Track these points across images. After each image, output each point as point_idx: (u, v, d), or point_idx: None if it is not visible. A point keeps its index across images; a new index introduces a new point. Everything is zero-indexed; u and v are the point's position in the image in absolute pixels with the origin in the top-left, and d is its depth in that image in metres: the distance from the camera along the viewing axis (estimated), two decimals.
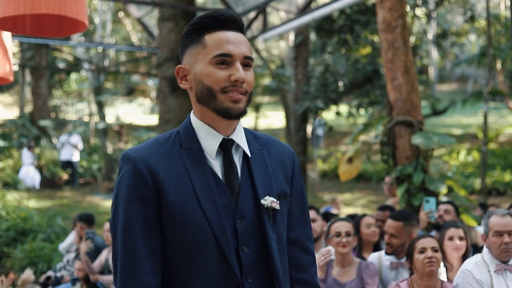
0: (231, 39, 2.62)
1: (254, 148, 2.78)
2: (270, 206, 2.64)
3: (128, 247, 2.53)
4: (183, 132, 2.71)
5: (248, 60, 2.65)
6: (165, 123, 14.26)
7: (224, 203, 2.59)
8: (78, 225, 9.72)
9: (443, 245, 6.07)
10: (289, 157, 2.87)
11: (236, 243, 2.58)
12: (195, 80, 2.66)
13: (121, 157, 2.65)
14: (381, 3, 9.75)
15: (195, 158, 2.63)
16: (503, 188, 19.25)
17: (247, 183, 2.68)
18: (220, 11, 2.65)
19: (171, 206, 2.54)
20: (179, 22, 14.42)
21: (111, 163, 23.12)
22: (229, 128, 2.69)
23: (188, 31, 2.69)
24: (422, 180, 9.13)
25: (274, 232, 2.66)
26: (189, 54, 2.69)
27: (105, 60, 26.34)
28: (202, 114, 2.69)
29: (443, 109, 23.07)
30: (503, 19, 23.11)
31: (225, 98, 2.57)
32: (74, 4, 3.84)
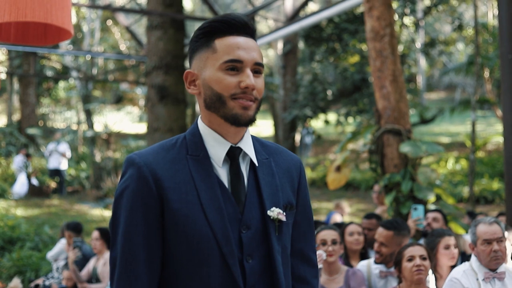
0: (241, 44, 2.56)
1: (261, 157, 2.72)
2: (277, 217, 2.58)
3: (127, 254, 2.47)
4: (189, 138, 2.65)
5: (259, 67, 2.58)
6: (153, 131, 14.23)
7: (230, 212, 2.53)
8: (66, 233, 9.68)
9: (437, 253, 6.06)
10: (296, 167, 2.82)
11: (241, 254, 2.52)
12: (204, 85, 2.59)
13: (125, 160, 2.58)
14: (369, 12, 9.76)
15: (201, 166, 2.56)
16: (491, 196, 19.26)
17: (253, 192, 2.62)
18: (231, 16, 2.59)
19: (175, 214, 2.47)
20: (167, 31, 14.42)
21: (99, 172, 23.03)
22: (237, 136, 2.63)
23: (198, 35, 2.63)
24: (411, 188, 9.12)
25: (279, 244, 2.61)
26: (198, 59, 2.62)
27: (93, 68, 26.34)
28: (210, 121, 2.62)
29: (431, 117, 23.12)
30: (491, 28, 23.18)
31: (235, 104, 2.51)
32: (59, 12, 3.80)
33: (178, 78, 14.52)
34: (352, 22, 21.01)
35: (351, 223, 7.49)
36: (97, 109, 26.58)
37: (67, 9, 3.88)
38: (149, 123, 14.49)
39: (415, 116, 23.91)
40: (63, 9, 3.83)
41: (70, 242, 9.49)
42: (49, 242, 12.99)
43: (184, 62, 15.06)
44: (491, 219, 5.39)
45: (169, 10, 14.48)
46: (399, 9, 21.73)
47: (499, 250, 5.20)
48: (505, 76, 7.74)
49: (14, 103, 32.21)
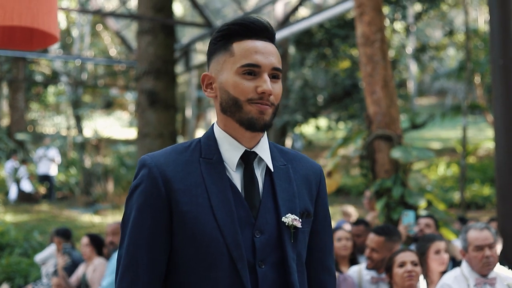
0: (260, 48, 2.52)
1: (278, 163, 2.66)
2: (292, 224, 2.52)
3: (131, 255, 2.46)
4: (204, 141, 2.61)
5: (277, 72, 2.53)
6: (143, 136, 14.19)
7: (242, 216, 2.49)
8: (55, 239, 9.62)
9: (427, 258, 6.03)
10: (316, 174, 2.76)
11: (253, 259, 2.47)
12: (221, 89, 2.54)
13: (138, 161, 2.55)
14: (360, 17, 9.75)
15: (214, 169, 2.52)
16: (482, 202, 19.28)
17: (268, 198, 2.57)
18: (250, 19, 2.54)
19: (184, 217, 2.44)
20: (157, 35, 14.38)
21: (88, 177, 22.94)
22: (253, 141, 2.58)
23: (216, 37, 2.59)
24: (402, 194, 9.11)
25: (294, 252, 2.55)
26: (216, 62, 2.58)
27: (83, 73, 26.26)
28: (225, 125, 2.58)
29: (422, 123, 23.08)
30: (482, 34, 23.23)
31: (252, 108, 2.47)
32: (46, 16, 3.76)
33: (168, 83, 14.48)
34: (342, 27, 21.03)
35: (339, 228, 7.48)
36: (86, 115, 26.50)
37: (54, 14, 3.84)
38: (139, 129, 14.44)
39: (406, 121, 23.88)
40: (49, 14, 3.79)
41: (59, 248, 9.44)
42: (38, 248, 12.91)
43: (174, 67, 15.02)
44: (481, 225, 5.38)
45: (159, 15, 14.45)
46: (390, 15, 21.78)
47: (491, 255, 5.20)
48: (496, 82, 7.72)
49: (3, 108, 32.12)
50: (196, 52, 21.42)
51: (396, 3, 21.36)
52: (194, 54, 22.12)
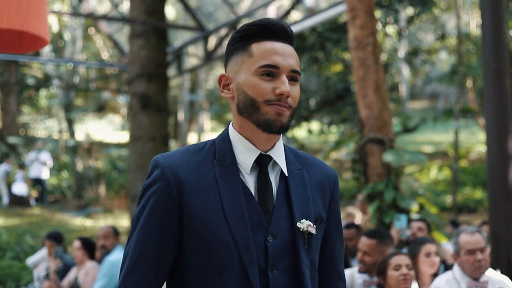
0: (279, 50, 2.49)
1: (294, 167, 2.63)
2: (306, 230, 2.49)
3: (137, 254, 2.44)
4: (218, 143, 2.57)
5: (295, 74, 2.50)
6: (135, 140, 14.16)
7: (255, 220, 2.45)
8: (46, 243, 9.60)
9: (418, 261, 6.04)
10: (330, 180, 2.73)
11: (265, 263, 2.44)
12: (238, 90, 2.52)
13: (152, 160, 2.52)
14: (352, 21, 9.76)
15: (228, 172, 2.49)
16: (474, 205, 19.32)
17: (283, 202, 2.53)
18: (269, 20, 2.52)
19: (195, 219, 2.42)
20: (150, 39, 14.36)
21: (80, 181, 22.92)
22: (268, 144, 2.55)
23: (235, 38, 2.56)
24: (394, 197, 9.11)
25: (307, 258, 2.52)
26: (234, 62, 2.55)
27: (75, 77, 26.20)
28: (241, 126, 2.55)
29: (414, 126, 23.16)
30: (474, 37, 23.29)
31: (269, 110, 2.44)
32: (36, 20, 3.75)
33: (161, 87, 14.46)
34: (335, 31, 21.06)
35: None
36: (78, 118, 26.46)
37: (44, 17, 3.83)
38: (131, 132, 14.41)
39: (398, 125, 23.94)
40: (39, 17, 3.77)
41: (51, 252, 9.41)
42: (30, 252, 12.90)
43: (166, 71, 15.01)
44: (473, 229, 5.38)
45: (151, 19, 14.42)
46: (382, 18, 21.81)
47: (483, 259, 5.20)
48: (488, 85, 7.74)
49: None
50: (188, 55, 21.42)
51: (388, 6, 21.41)
52: (187, 57, 22.11)
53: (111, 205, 22.05)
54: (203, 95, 32.31)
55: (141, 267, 2.43)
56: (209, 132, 37.23)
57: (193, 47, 27.68)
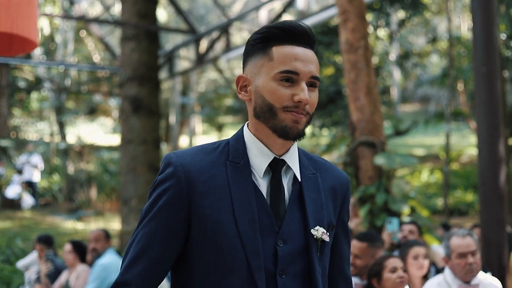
0: (300, 55, 2.44)
1: (308, 172, 2.59)
2: (320, 237, 2.47)
3: (140, 249, 2.42)
4: (233, 144, 2.54)
5: (315, 80, 2.46)
6: (127, 143, 14.15)
7: (266, 224, 2.42)
8: (37, 246, 9.58)
9: (406, 263, 6.05)
10: (343, 185, 2.69)
11: (274, 268, 2.41)
12: (256, 93, 2.47)
13: (164, 157, 2.50)
14: (344, 24, 9.77)
15: (240, 174, 2.46)
16: (465, 208, 19.37)
17: (295, 207, 2.50)
18: (292, 23, 2.47)
19: (205, 220, 2.39)
20: (141, 42, 14.36)
21: (72, 184, 22.87)
22: (283, 148, 2.51)
23: (255, 39, 2.51)
24: (385, 200, 9.12)
25: (320, 265, 2.49)
26: (253, 64, 2.50)
27: (66, 80, 26.14)
28: (257, 129, 2.51)
29: (405, 129, 23.20)
30: (465, 41, 23.35)
31: (286, 117, 2.40)
32: (26, 22, 3.72)
33: (152, 90, 14.46)
34: (326, 34, 21.05)
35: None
36: (70, 121, 26.41)
37: (33, 19, 3.80)
38: (123, 135, 14.40)
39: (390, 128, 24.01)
40: (29, 19, 3.75)
41: (41, 255, 9.40)
42: (21, 255, 12.87)
43: (158, 74, 15.00)
44: (464, 232, 5.39)
45: (143, 22, 14.42)
46: (374, 22, 21.83)
47: (474, 262, 5.22)
48: (479, 89, 7.75)
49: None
50: (180, 58, 21.41)
51: (379, 10, 21.43)
52: (178, 60, 22.11)
53: (102, 208, 22.01)
54: (195, 98, 32.29)
55: (143, 263, 2.41)
56: (201, 135, 37.22)
57: (185, 50, 27.66)
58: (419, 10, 22.18)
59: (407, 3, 21.47)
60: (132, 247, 2.45)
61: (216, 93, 32.74)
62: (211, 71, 35.07)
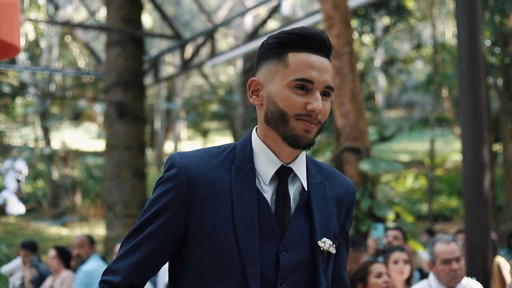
0: (316, 64, 2.39)
1: (315, 180, 2.55)
2: (327, 250, 2.44)
3: (134, 243, 2.41)
4: (240, 148, 2.49)
5: (329, 90, 2.42)
6: (112, 148, 14.13)
7: (268, 231, 2.38)
8: (21, 252, 9.54)
9: (388, 269, 6.07)
10: (350, 194, 2.67)
11: (275, 276, 2.37)
12: (268, 99, 2.42)
13: (168, 157, 2.47)
14: (329, 30, 9.78)
15: (244, 179, 2.42)
16: (449, 214, 19.44)
17: (301, 216, 2.46)
18: (310, 30, 2.42)
19: (203, 224, 2.36)
20: (126, 47, 14.35)
21: (56, 189, 22.79)
22: (291, 156, 2.47)
23: (271, 43, 2.45)
24: (370, 206, 9.14)
25: (325, 277, 2.47)
26: (267, 69, 2.45)
27: (51, 85, 26.04)
28: (266, 136, 2.46)
29: (390, 135, 23.24)
30: (450, 47, 23.45)
31: (298, 125, 2.36)
32: (9, 27, 3.71)
33: (137, 95, 14.45)
34: None
35: None
36: (54, 126, 26.29)
37: (16, 25, 3.79)
38: (108, 140, 14.38)
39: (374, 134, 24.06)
40: (12, 25, 3.73)
41: (26, 261, 9.36)
42: (5, 261, 12.81)
43: (143, 79, 14.98)
44: (448, 238, 5.40)
45: (128, 27, 14.41)
46: (359, 28, 21.88)
47: (458, 269, 5.23)
48: (463, 95, 7.79)
49: None
50: (165, 64, 21.39)
51: (364, 16, 21.48)
52: (163, 66, 22.08)
53: (87, 213, 21.95)
54: (180, 103, 32.24)
55: (134, 257, 2.40)
56: (186, 141, 37.15)
57: (170, 56, 27.59)
58: (404, 16, 22.25)
59: (392, 10, 21.54)
60: (129, 240, 2.44)
61: (201, 98, 32.67)
62: (196, 77, 35.05)
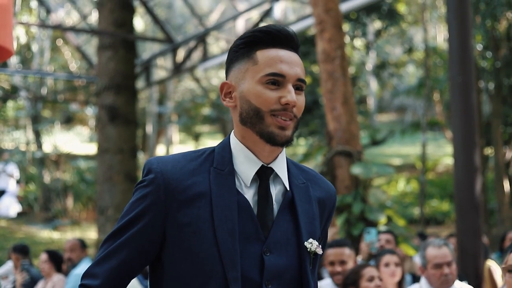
0: (285, 58, 2.40)
1: (298, 181, 2.53)
2: (314, 250, 2.42)
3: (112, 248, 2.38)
4: (218, 151, 2.47)
5: (301, 83, 2.42)
6: (103, 152, 14.10)
7: (251, 233, 2.35)
8: (12, 256, 9.51)
9: (379, 271, 6.07)
10: (331, 198, 2.64)
11: (260, 278, 2.34)
12: (241, 98, 2.41)
13: (145, 163, 2.44)
14: (321, 34, 9.80)
15: (224, 181, 2.39)
16: (441, 218, 19.47)
17: (285, 217, 2.44)
18: (276, 27, 2.44)
19: (182, 229, 2.32)
20: (118, 51, 14.32)
21: (48, 193, 22.74)
22: (271, 156, 2.44)
23: (238, 44, 2.46)
24: (362, 209, 9.14)
25: (312, 278, 2.45)
26: (237, 70, 2.45)
27: (42, 88, 26.00)
28: (243, 136, 2.44)
29: (382, 139, 23.30)
30: (441, 51, 23.52)
31: (272, 122, 2.35)
32: (2, 31, 3.70)
33: (129, 99, 14.43)
34: (303, 44, 21.10)
35: None
36: (46, 130, 26.24)
37: (9, 28, 3.78)
38: (99, 144, 14.35)
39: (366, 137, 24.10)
40: (5, 28, 3.73)
41: (17, 264, 9.33)
42: None
43: (134, 83, 14.97)
44: (440, 242, 5.41)
45: (120, 31, 14.39)
46: (350, 32, 21.94)
47: (449, 273, 5.24)
48: (455, 98, 7.81)
49: None
50: (157, 67, 21.38)
51: (356, 20, 21.54)
52: (155, 69, 22.06)
53: (78, 217, 21.92)
54: (172, 107, 32.21)
55: (112, 261, 2.37)
56: (178, 145, 37.11)
57: (162, 59, 27.61)
58: (395, 20, 22.34)
59: (384, 14, 21.61)
60: (106, 245, 2.41)
61: (193, 102, 32.67)
62: (188, 80, 35.00)
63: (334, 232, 9.69)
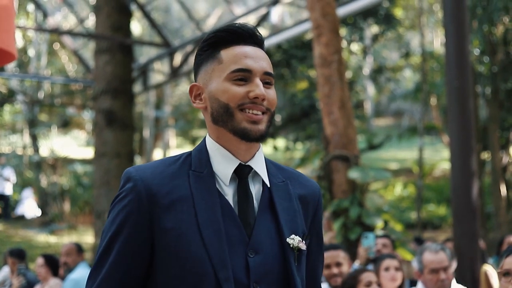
0: (249, 53, 2.40)
1: (277, 180, 2.50)
2: (297, 246, 2.39)
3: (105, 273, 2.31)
4: (195, 154, 2.44)
5: (269, 77, 2.40)
6: (100, 156, 14.10)
7: (235, 234, 2.33)
8: (9, 260, 9.49)
9: (379, 276, 6.07)
10: (315, 195, 2.60)
11: (247, 280, 2.31)
12: (210, 98, 2.40)
13: (124, 172, 2.39)
14: (318, 39, 9.80)
15: (204, 183, 2.36)
16: (438, 222, 19.47)
17: (266, 216, 2.41)
18: (236, 25, 2.44)
19: (167, 234, 2.27)
20: (115, 55, 14.33)
21: (45, 197, 22.72)
22: (248, 153, 2.42)
23: (202, 47, 2.46)
24: (359, 214, 9.14)
25: (299, 275, 2.41)
26: (204, 72, 2.44)
27: (39, 92, 25.99)
28: (218, 136, 2.42)
29: (379, 143, 23.31)
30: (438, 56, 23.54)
31: (243, 117, 2.33)
32: (5, 35, 3.71)
33: (126, 103, 14.43)
34: (300, 48, 21.15)
35: None
36: (43, 134, 26.24)
37: (12, 32, 3.79)
38: (97, 148, 14.34)
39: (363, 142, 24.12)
40: (8, 32, 3.73)
41: (13, 269, 9.31)
42: None
43: (132, 87, 14.96)
44: (437, 247, 5.41)
45: (117, 35, 14.40)
46: (347, 36, 21.96)
47: (446, 278, 5.24)
48: (452, 103, 7.81)
49: None
50: (154, 71, 21.37)
51: (353, 24, 21.56)
52: (152, 73, 22.04)
53: (75, 221, 21.89)
54: (169, 111, 32.22)
55: (109, 285, 2.32)
56: (175, 149, 37.10)
57: (159, 63, 27.58)
58: (392, 25, 22.36)
59: (381, 18, 21.63)
60: (97, 271, 2.36)
61: (190, 106, 32.65)
62: (185, 85, 34.99)
63: (331, 236, 9.69)
